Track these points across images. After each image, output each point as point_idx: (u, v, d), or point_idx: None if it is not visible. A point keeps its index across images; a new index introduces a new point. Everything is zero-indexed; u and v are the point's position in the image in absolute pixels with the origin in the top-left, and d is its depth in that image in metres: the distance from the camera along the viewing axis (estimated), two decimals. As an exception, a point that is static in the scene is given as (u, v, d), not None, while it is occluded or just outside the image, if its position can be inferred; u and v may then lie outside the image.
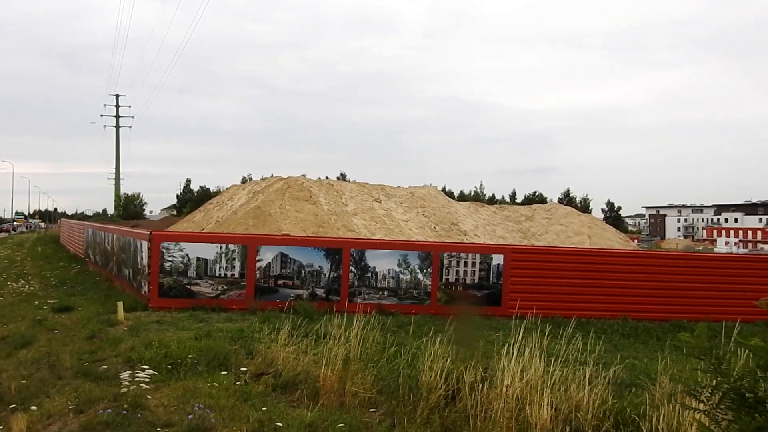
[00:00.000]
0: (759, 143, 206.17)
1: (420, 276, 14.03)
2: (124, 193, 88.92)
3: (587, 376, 5.76)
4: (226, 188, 46.01)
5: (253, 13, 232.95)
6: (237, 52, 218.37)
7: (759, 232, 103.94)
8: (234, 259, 13.54)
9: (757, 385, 3.43)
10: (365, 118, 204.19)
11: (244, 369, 7.55)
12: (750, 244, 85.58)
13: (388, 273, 13.98)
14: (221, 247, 13.52)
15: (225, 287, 13.41)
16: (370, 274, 13.93)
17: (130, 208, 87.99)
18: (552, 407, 5.41)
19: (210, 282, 13.36)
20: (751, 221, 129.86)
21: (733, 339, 3.88)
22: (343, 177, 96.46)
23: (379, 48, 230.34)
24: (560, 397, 5.53)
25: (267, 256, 13.65)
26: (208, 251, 13.44)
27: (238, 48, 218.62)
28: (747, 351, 3.55)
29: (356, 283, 13.86)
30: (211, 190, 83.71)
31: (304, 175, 40.23)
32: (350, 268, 13.85)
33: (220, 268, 13.47)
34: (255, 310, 12.49)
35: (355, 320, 7.31)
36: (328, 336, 7.43)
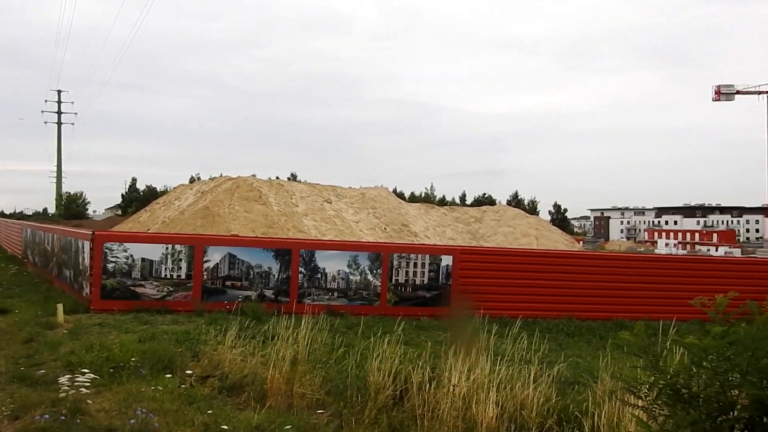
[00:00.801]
0: (698, 149, 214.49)
1: (370, 277, 14.04)
2: (66, 192, 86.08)
3: (532, 375, 5.86)
4: (174, 188, 45.10)
5: (204, 10, 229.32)
6: (186, 50, 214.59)
7: (696, 234, 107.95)
8: (180, 259, 13.28)
9: (692, 380, 3.56)
10: (317, 119, 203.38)
11: (189, 372, 7.41)
12: (688, 246, 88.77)
13: (338, 274, 13.94)
14: (167, 248, 13.24)
15: (171, 288, 13.13)
16: (319, 275, 13.87)
17: (72, 208, 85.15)
18: (498, 406, 5.49)
19: (155, 283, 13.06)
20: (690, 223, 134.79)
21: (669, 337, 4.01)
22: (293, 177, 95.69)
23: (332, 49, 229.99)
24: (506, 395, 5.62)
25: (215, 256, 13.43)
26: (154, 252, 13.13)
27: (188, 46, 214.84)
28: (682, 348, 3.68)
29: (306, 284, 13.78)
30: (158, 189, 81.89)
31: (254, 175, 39.77)
32: (300, 269, 13.76)
33: (166, 269, 13.19)
34: (202, 311, 12.27)
35: (303, 321, 7.27)
36: (276, 337, 7.36)
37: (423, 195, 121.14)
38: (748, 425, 3.37)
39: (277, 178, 47.06)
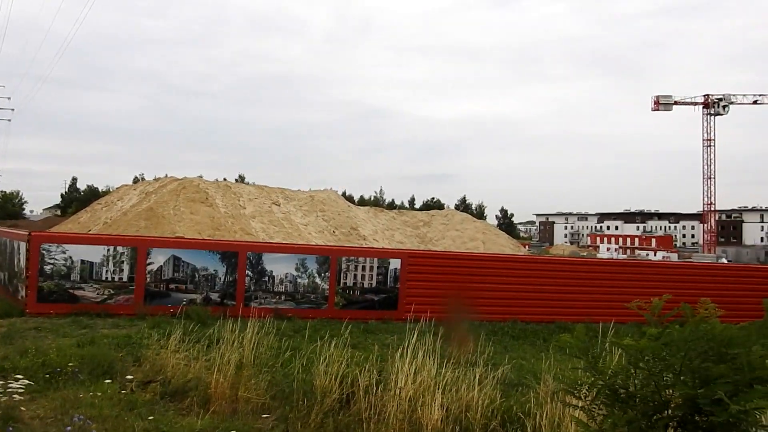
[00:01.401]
0: (638, 156, 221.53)
1: (318, 280, 13.98)
2: (2, 191, 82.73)
3: (477, 377, 5.94)
4: (116, 188, 43.90)
5: (149, 7, 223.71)
6: (131, 48, 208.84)
7: (636, 239, 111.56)
8: (122, 262, 12.93)
9: (629, 381, 3.67)
10: (267, 120, 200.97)
11: (130, 377, 7.21)
12: (629, 250, 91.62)
13: (286, 277, 13.83)
14: (108, 250, 12.87)
15: (112, 292, 12.77)
16: (267, 278, 13.73)
17: (7, 207, 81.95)
18: (443, 408, 5.54)
19: (96, 286, 12.68)
20: (630, 228, 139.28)
21: (609, 339, 4.12)
22: (241, 179, 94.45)
23: (282, 50, 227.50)
24: (451, 397, 5.68)
25: (158, 259, 13.13)
26: (94, 254, 12.75)
27: (133, 43, 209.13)
28: (621, 350, 3.80)
29: (252, 288, 13.61)
30: (100, 189, 79.68)
31: (200, 177, 39.10)
32: (246, 272, 13.59)
33: (107, 271, 12.82)
34: (144, 315, 11.98)
35: (249, 325, 7.17)
36: (221, 341, 7.24)
37: (372, 198, 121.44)
38: (681, 423, 3.50)
39: (225, 179, 46.37)
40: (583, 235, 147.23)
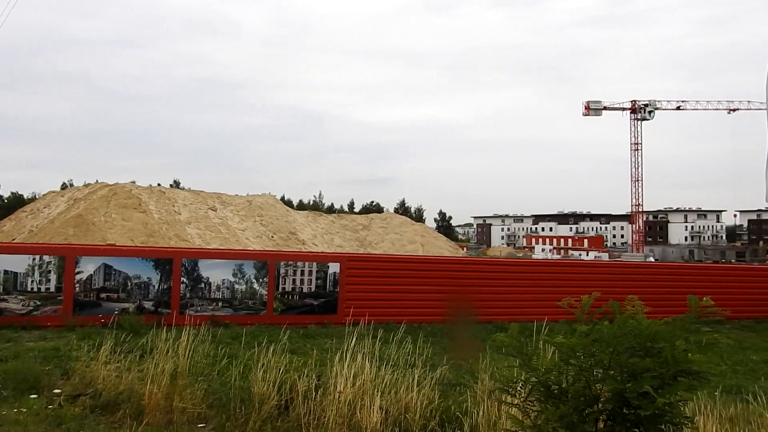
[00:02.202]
0: (571, 160, 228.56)
1: (256, 286, 13.79)
2: None
3: (416, 379, 5.98)
4: (43, 195, 42.10)
5: (78, 7, 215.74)
6: (58, 48, 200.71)
7: (570, 240, 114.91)
8: (50, 271, 12.41)
9: (561, 377, 3.77)
10: (203, 124, 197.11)
11: (57, 391, 6.92)
12: (562, 251, 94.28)
13: (223, 283, 13.58)
14: (34, 259, 12.33)
15: (38, 303, 12.23)
16: (203, 285, 13.44)
17: None
18: (382, 410, 5.56)
19: (20, 297, 12.12)
20: (564, 230, 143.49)
21: (542, 337, 4.22)
22: (176, 184, 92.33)
23: (219, 53, 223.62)
24: (390, 399, 5.70)
25: (88, 267, 12.67)
26: (19, 263, 12.19)
27: (60, 44, 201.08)
28: (553, 347, 3.89)
29: (188, 295, 13.30)
30: (25, 196, 76.32)
31: (133, 182, 37.98)
32: (182, 278, 13.27)
33: (32, 281, 12.27)
34: (74, 326, 11.52)
35: (184, 333, 7.00)
36: (155, 351, 7.04)
37: (311, 203, 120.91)
38: (611, 416, 3.62)
39: (159, 185, 45.18)
40: (519, 236, 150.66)
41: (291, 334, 10.73)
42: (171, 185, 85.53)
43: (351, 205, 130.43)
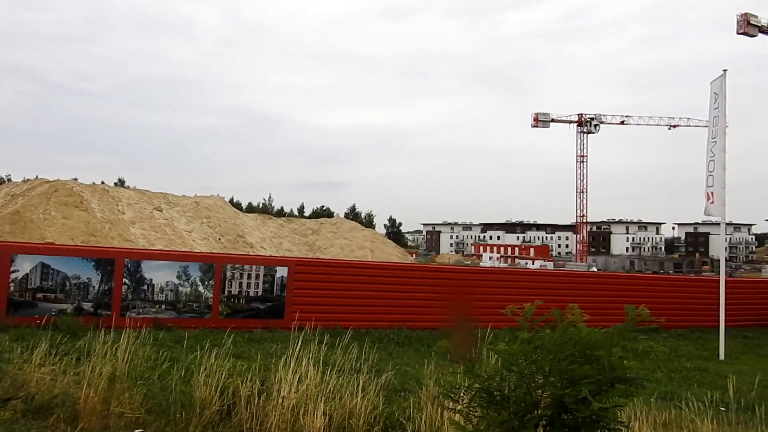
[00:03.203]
0: (519, 169, 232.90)
1: (201, 288, 13.53)
2: None
3: (361, 384, 5.97)
4: (-22, 190, 40.32)
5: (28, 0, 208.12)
6: (4, 41, 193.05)
7: (516, 249, 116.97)
8: (-18, 269, 11.89)
9: (503, 383, 3.83)
10: (151, 123, 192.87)
11: (-13, 395, 6.62)
12: (509, 259, 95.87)
13: (167, 285, 13.28)
14: (-34, 256, 11.80)
15: (-31, 302, 11.70)
16: (146, 287, 13.12)
17: None
18: (326, 415, 5.52)
19: (-51, 296, 11.58)
20: (511, 238, 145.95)
21: (485, 344, 4.27)
22: (121, 183, 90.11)
23: (172, 51, 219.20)
24: (334, 405, 5.67)
25: (24, 266, 12.20)
26: (-51, 261, 11.65)
27: (4, 36, 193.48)
28: (496, 354, 3.94)
29: (130, 297, 12.96)
30: (-41, 191, 72.83)
31: (75, 179, 36.82)
32: (124, 280, 12.91)
33: (-37, 280, 11.74)
34: (7, 327, 11.07)
35: (124, 335, 6.81)
36: (92, 353, 6.82)
37: (261, 206, 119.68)
38: (550, 421, 3.69)
39: (103, 183, 43.94)
40: (467, 244, 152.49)
41: (236, 338, 10.58)
42: (115, 184, 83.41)
43: (301, 209, 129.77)
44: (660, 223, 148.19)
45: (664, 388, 9.75)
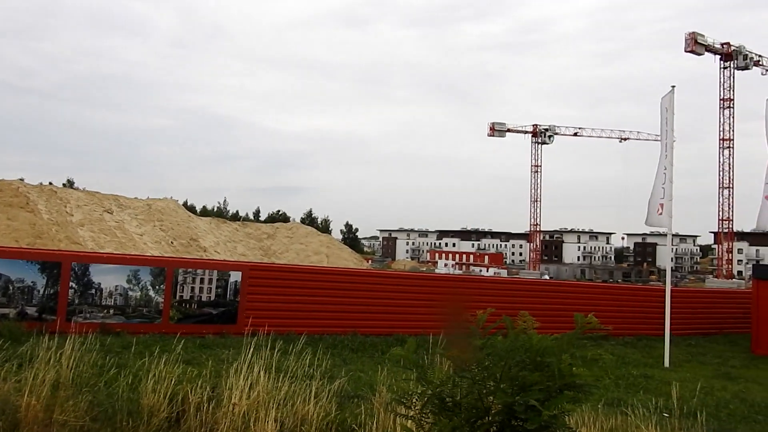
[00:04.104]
0: (475, 178, 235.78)
1: (152, 293, 13.24)
2: None
3: (313, 390, 5.93)
4: None
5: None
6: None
7: (471, 256, 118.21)
8: None
9: (455, 390, 3.86)
10: (102, 123, 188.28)
11: None
12: (464, 266, 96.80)
13: (116, 290, 12.95)
14: None
15: None
16: (94, 291, 12.76)
17: None
18: (277, 422, 5.46)
19: None
20: (466, 246, 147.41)
21: (438, 350, 4.30)
22: (70, 184, 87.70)
23: (123, 50, 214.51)
24: (286, 411, 5.61)
25: (-36, 269, 11.73)
26: None
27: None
28: (448, 360, 3.97)
29: (77, 301, 12.59)
30: None
31: (21, 180, 35.61)
32: (71, 283, 12.54)
33: None
34: (-57, 332, 10.60)
35: (69, 341, 6.60)
36: (35, 359, 6.59)
37: (215, 209, 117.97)
38: (500, 428, 3.73)
39: (50, 183, 42.64)
40: (423, 250, 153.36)
41: (187, 343, 10.39)
42: (64, 185, 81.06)
43: (257, 214, 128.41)
44: (610, 233, 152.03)
45: (612, 395, 9.97)
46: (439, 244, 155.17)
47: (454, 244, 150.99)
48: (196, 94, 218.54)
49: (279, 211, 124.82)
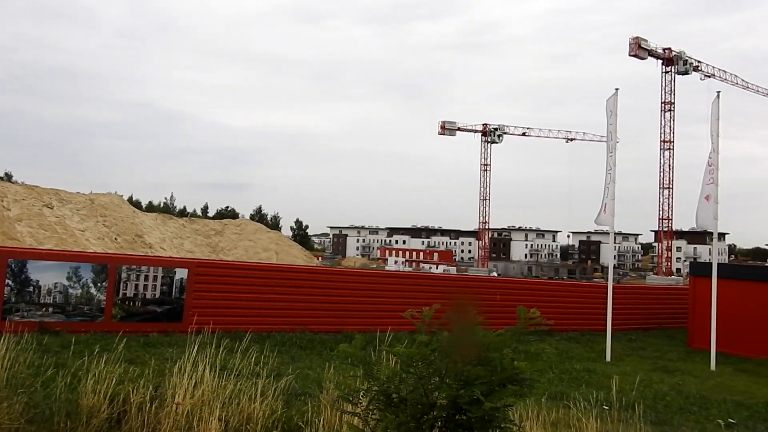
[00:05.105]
0: (426, 176, 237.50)
1: (93, 290, 12.86)
2: None
3: (259, 388, 5.87)
4: None
5: None
6: None
7: (421, 253, 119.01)
8: None
9: (401, 385, 3.88)
10: (44, 115, 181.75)
11: None
12: (414, 263, 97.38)
13: (55, 287, 12.52)
14: None
15: None
16: (32, 289, 12.31)
17: None
18: (222, 421, 5.39)
19: None
20: (416, 243, 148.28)
21: (384, 346, 4.31)
22: (8, 177, 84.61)
23: (68, 40, 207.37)
24: (231, 410, 5.54)
25: None
26: None
27: None
28: (395, 357, 3.99)
29: (13, 299, 12.12)
30: None
31: (-46, 172, 34.08)
32: (6, 281, 12.06)
33: None
34: None
35: (3, 340, 6.36)
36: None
37: (162, 205, 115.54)
38: (446, 423, 3.78)
39: (-14, 176, 40.90)
40: (373, 248, 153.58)
41: (130, 342, 10.16)
42: (1, 178, 78.08)
43: (205, 210, 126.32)
44: (556, 231, 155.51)
45: (555, 389, 10.21)
46: (390, 241, 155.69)
47: (404, 242, 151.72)
48: (144, 88, 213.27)
49: (228, 207, 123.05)
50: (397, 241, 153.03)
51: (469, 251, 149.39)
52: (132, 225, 32.69)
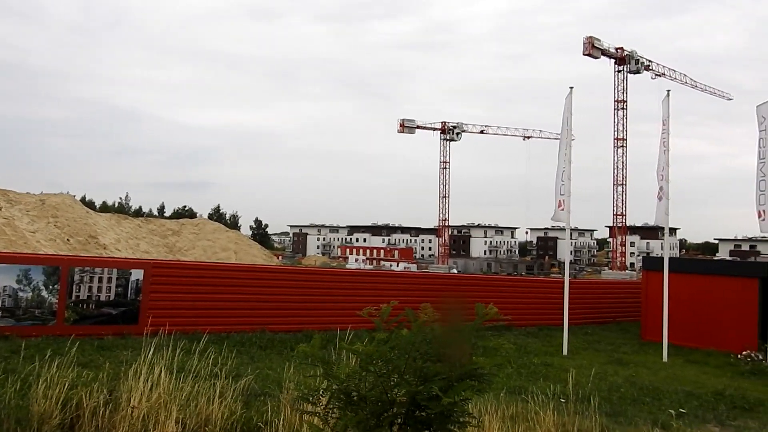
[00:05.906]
0: (385, 174, 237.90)
1: (45, 293, 12.50)
2: None
3: (218, 389, 5.80)
4: None
5: None
6: None
7: (382, 251, 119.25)
8: None
9: (361, 383, 3.88)
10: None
11: None
12: (375, 261, 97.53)
13: (4, 291, 12.13)
14: None
15: None
16: (-21, 292, 11.89)
17: None
18: (179, 424, 5.31)
19: None
20: (377, 241, 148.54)
21: (343, 345, 4.31)
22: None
23: (15, 36, 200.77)
24: (189, 412, 5.46)
25: None
26: None
27: None
28: (355, 355, 3.99)
29: (-41, 303, 11.69)
30: None
31: None
32: (-48, 284, 11.63)
33: None
34: None
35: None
36: None
37: (117, 205, 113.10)
38: (405, 419, 3.80)
39: (-71, 176, 39.40)
40: (334, 246, 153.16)
41: (84, 345, 9.93)
42: (-54, 178, 75.42)
43: (161, 210, 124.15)
44: (515, 228, 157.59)
45: (514, 383, 10.36)
46: (350, 239, 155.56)
47: (365, 240, 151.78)
48: (96, 85, 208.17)
49: (185, 206, 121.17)
50: (357, 240, 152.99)
51: (430, 248, 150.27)
52: (85, 226, 31.88)
